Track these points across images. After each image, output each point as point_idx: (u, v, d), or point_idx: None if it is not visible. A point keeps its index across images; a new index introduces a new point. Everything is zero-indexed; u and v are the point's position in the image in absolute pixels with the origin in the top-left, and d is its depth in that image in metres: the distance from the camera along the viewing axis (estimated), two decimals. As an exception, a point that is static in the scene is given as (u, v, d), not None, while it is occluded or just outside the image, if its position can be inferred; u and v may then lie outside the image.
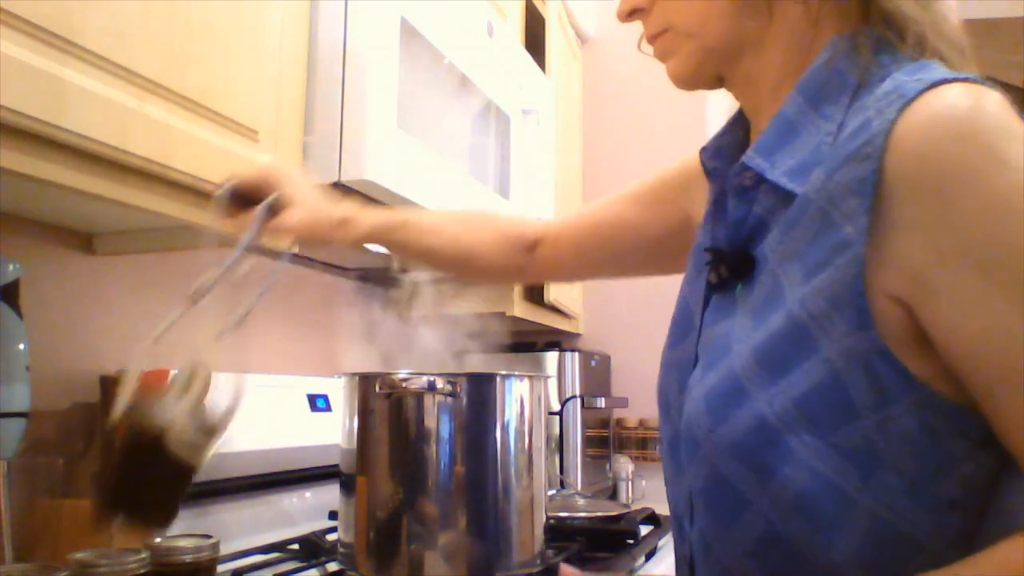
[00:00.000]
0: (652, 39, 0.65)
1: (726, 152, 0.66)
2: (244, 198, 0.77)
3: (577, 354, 1.95)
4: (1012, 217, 0.46)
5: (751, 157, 0.58)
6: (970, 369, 0.48)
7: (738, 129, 0.67)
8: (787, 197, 0.55)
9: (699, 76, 0.64)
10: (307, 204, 0.78)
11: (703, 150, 0.68)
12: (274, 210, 0.76)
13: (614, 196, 0.88)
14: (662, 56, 0.65)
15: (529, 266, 0.93)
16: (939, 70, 0.51)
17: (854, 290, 0.49)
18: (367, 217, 0.84)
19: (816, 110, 0.56)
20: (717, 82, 0.65)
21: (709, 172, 0.67)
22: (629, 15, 0.66)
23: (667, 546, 1.33)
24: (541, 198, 1.55)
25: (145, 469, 0.67)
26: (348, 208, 0.83)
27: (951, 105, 0.48)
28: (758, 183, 0.58)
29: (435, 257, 0.92)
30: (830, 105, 0.55)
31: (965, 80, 0.49)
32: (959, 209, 0.47)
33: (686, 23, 0.62)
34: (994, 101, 0.48)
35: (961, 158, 0.47)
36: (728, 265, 0.60)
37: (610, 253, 0.89)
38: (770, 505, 0.53)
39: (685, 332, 0.66)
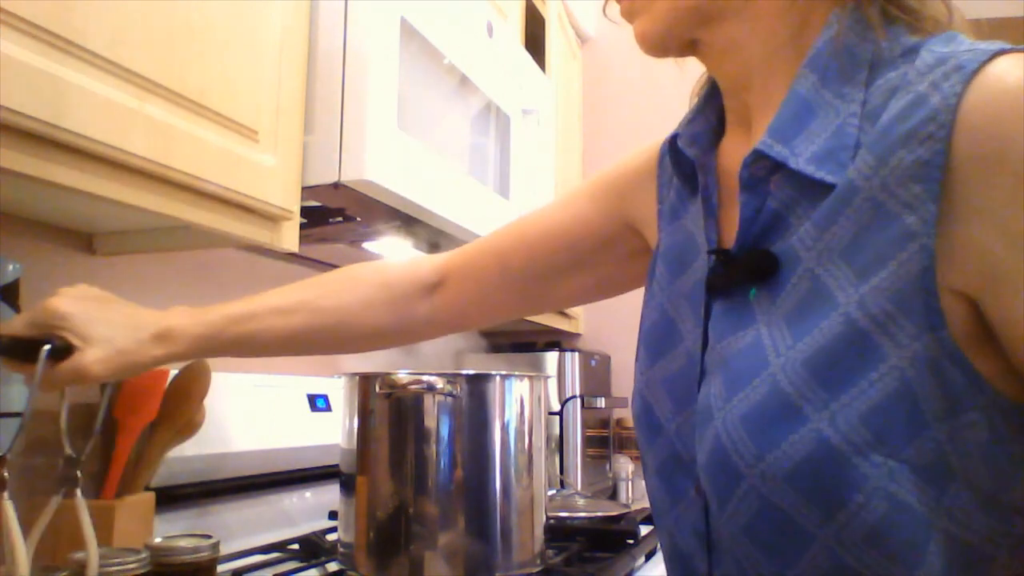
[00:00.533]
0: None
1: (702, 139, 0.60)
2: (21, 347, 0.66)
3: (577, 354, 1.95)
4: None
5: (768, 144, 0.51)
6: None
7: (710, 113, 0.61)
8: (811, 187, 0.50)
9: (670, 39, 0.57)
10: (103, 338, 0.66)
11: (676, 137, 0.62)
12: (61, 356, 0.65)
13: (533, 211, 0.79)
14: (629, 15, 0.59)
15: (433, 314, 0.80)
16: (970, 42, 0.47)
17: (923, 287, 0.44)
18: (194, 325, 0.70)
19: (830, 89, 0.50)
20: (689, 47, 0.58)
21: (684, 162, 0.61)
22: None
23: (667, 546, 1.33)
24: (541, 198, 1.55)
25: None
26: (168, 318, 0.70)
27: (1017, 80, 0.43)
28: (770, 173, 0.52)
29: (294, 342, 0.77)
30: (845, 84, 0.50)
31: (1008, 51, 0.44)
32: None
33: None
34: None
35: None
36: (745, 267, 0.53)
37: (541, 268, 0.76)
38: (837, 539, 0.46)
39: (671, 344, 0.60)
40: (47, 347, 0.64)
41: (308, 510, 1.34)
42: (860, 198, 0.47)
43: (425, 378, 0.90)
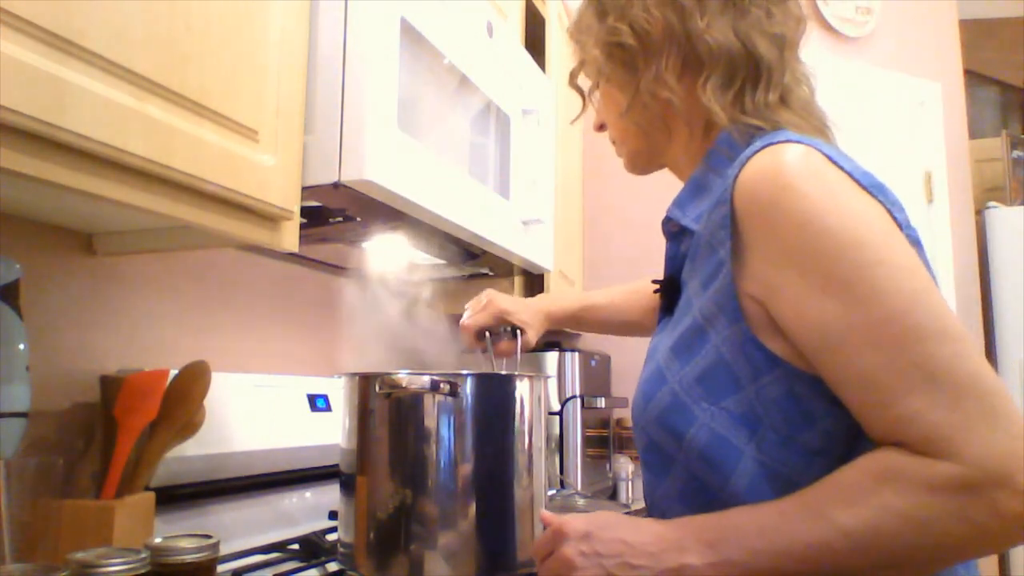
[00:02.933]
0: (612, 143, 0.92)
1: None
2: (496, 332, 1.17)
3: (577, 354, 1.95)
4: (811, 231, 0.63)
5: (671, 210, 0.81)
6: (802, 344, 0.65)
7: None
8: (693, 235, 0.76)
9: (636, 168, 0.92)
10: (530, 321, 1.17)
11: (663, 220, 0.85)
12: (518, 332, 1.16)
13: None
14: (618, 154, 0.93)
15: None
16: (781, 136, 0.69)
17: (729, 295, 0.68)
18: (568, 303, 1.23)
19: (715, 172, 0.77)
20: (659, 167, 0.90)
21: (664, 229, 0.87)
22: (599, 128, 0.94)
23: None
24: (541, 198, 1.55)
25: None
26: (547, 304, 1.21)
27: (773, 158, 0.66)
28: (681, 229, 0.79)
29: (609, 327, 1.24)
30: (725, 166, 0.75)
31: (793, 141, 0.67)
32: (775, 230, 0.65)
33: (617, 137, 0.91)
34: (810, 155, 0.66)
35: (772, 194, 0.65)
36: (666, 293, 0.81)
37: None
38: (686, 459, 0.71)
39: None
40: (519, 330, 1.15)
41: (308, 510, 1.34)
42: (703, 241, 0.73)
43: (425, 378, 0.90)
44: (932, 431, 0.59)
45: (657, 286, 0.84)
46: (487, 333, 1.16)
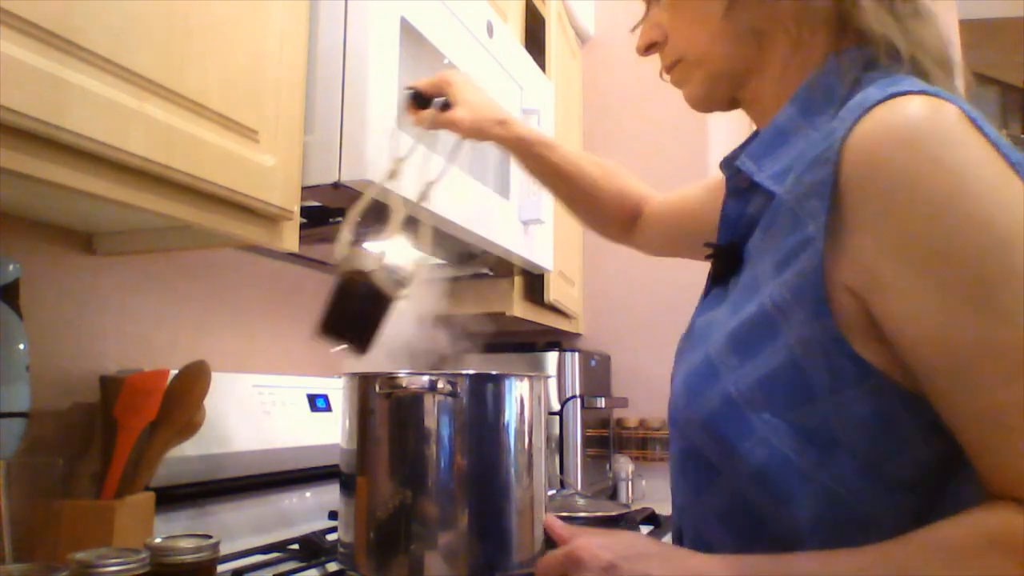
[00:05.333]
0: (668, 69, 0.73)
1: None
2: (421, 98, 1.01)
3: (577, 354, 1.95)
4: (950, 220, 0.49)
5: (743, 161, 0.64)
6: (913, 358, 0.52)
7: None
8: (772, 198, 0.60)
9: (711, 99, 0.71)
10: (473, 105, 0.98)
11: (723, 160, 0.73)
12: (446, 107, 0.99)
13: (699, 185, 0.96)
14: (678, 83, 0.73)
15: (631, 230, 1.05)
16: (907, 83, 0.55)
17: (813, 283, 0.54)
18: (521, 126, 1.01)
19: (805, 119, 0.61)
20: (731, 104, 0.72)
21: (726, 179, 0.72)
22: (647, 49, 0.74)
23: (667, 546, 1.33)
24: (541, 198, 1.54)
25: (357, 300, 0.90)
26: (506, 113, 1.01)
27: (901, 115, 0.51)
28: (751, 186, 0.64)
29: (565, 183, 1.04)
30: (818, 115, 0.60)
31: (923, 93, 0.53)
32: (901, 210, 0.50)
33: (695, 52, 0.70)
34: (947, 113, 0.51)
35: (904, 163, 0.50)
36: (721, 260, 0.66)
37: (683, 241, 0.97)
38: (734, 475, 0.58)
39: (689, 325, 0.71)
40: (441, 99, 1.00)
41: (308, 510, 1.34)
42: (785, 208, 0.58)
43: (425, 378, 0.90)
44: None
45: (710, 251, 0.68)
46: (411, 93, 1.03)
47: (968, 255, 0.49)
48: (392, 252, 0.93)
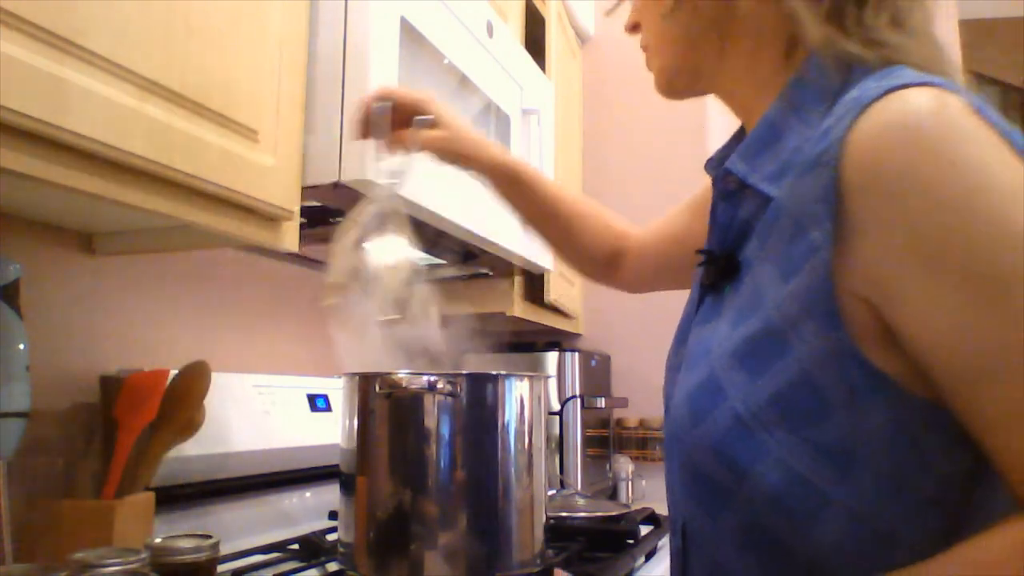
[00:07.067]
0: (643, 49, 0.73)
1: (723, 162, 0.69)
2: (396, 114, 0.91)
3: (577, 354, 1.95)
4: (960, 218, 0.47)
5: (733, 162, 0.60)
6: (931, 366, 0.49)
7: (739, 142, 0.69)
8: (767, 201, 0.57)
9: (671, 88, 0.70)
10: (452, 126, 0.91)
11: (708, 160, 0.71)
12: (425, 126, 0.92)
13: (681, 207, 0.93)
14: (647, 67, 0.72)
15: (614, 268, 1.00)
16: (907, 75, 0.52)
17: (823, 293, 0.51)
18: (502, 153, 0.95)
19: (797, 114, 0.58)
20: (697, 93, 0.70)
21: (712, 181, 0.69)
22: (631, 28, 0.73)
23: (667, 546, 1.33)
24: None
25: None
26: (486, 139, 0.95)
27: (902, 110, 0.49)
28: (742, 188, 0.60)
29: (546, 219, 0.98)
30: (811, 110, 0.57)
31: (925, 84, 0.50)
32: (911, 212, 0.48)
33: (652, 43, 0.70)
34: (951, 105, 0.49)
35: (909, 161, 0.48)
36: (716, 268, 0.62)
37: (668, 272, 0.94)
38: (748, 499, 0.55)
39: (679, 338, 0.69)
40: (427, 118, 0.91)
41: (308, 510, 1.34)
42: (785, 213, 0.55)
43: (425, 378, 0.90)
44: None
45: (702, 257, 0.65)
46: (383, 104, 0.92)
47: (984, 254, 0.46)
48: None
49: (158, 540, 0.82)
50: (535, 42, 1.83)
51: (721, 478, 0.56)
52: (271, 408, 1.27)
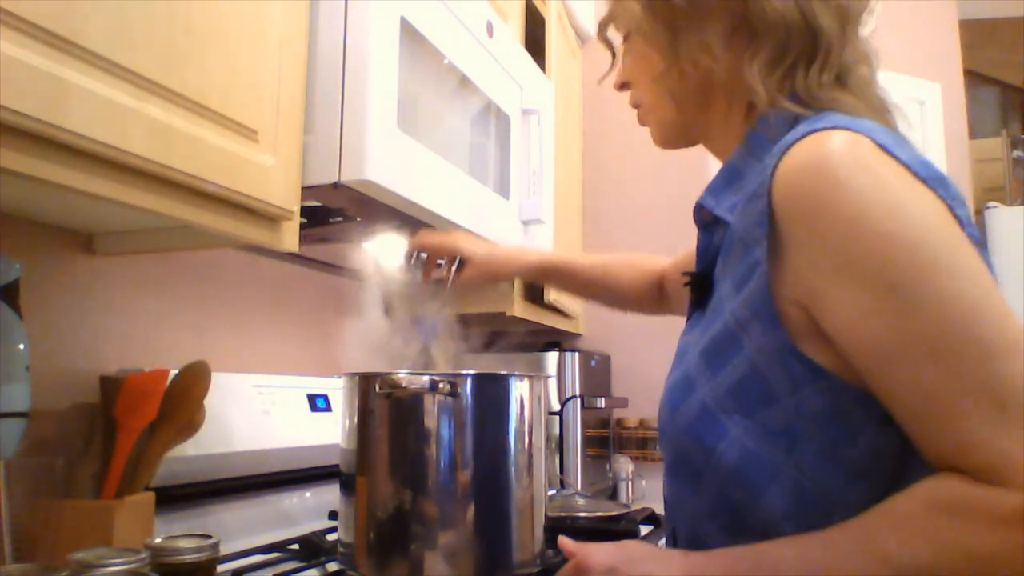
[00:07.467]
0: (634, 107, 0.84)
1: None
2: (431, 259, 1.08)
3: (577, 354, 1.95)
4: (858, 234, 0.57)
5: (704, 197, 0.74)
6: (854, 357, 0.59)
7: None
8: (727, 227, 0.69)
9: (668, 141, 0.82)
10: (480, 259, 1.06)
11: (696, 204, 0.81)
12: (459, 266, 1.07)
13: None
14: (641, 122, 0.84)
15: (661, 300, 1.13)
16: (829, 119, 0.62)
17: (764, 299, 0.62)
18: (530, 255, 1.10)
19: (755, 156, 0.70)
20: (691, 143, 0.82)
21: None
22: (620, 87, 0.84)
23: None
24: (541, 198, 1.55)
25: None
26: (514, 249, 1.11)
27: (815, 149, 0.60)
28: (715, 220, 0.72)
29: (590, 292, 1.17)
30: (765, 153, 0.66)
31: (840, 128, 0.60)
32: (820, 230, 0.59)
33: (645, 103, 0.81)
34: (857, 143, 0.59)
35: (816, 189, 0.59)
36: (697, 288, 0.75)
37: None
38: (715, 476, 0.65)
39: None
40: (458, 259, 1.07)
41: (308, 510, 1.34)
42: (736, 237, 0.67)
43: (425, 378, 0.90)
44: (998, 458, 0.53)
45: (687, 279, 0.77)
46: (421, 254, 1.10)
47: (879, 260, 0.57)
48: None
49: (158, 540, 0.82)
50: (535, 42, 1.83)
51: (693, 457, 0.67)
52: (271, 408, 1.27)
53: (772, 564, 0.59)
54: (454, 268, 1.05)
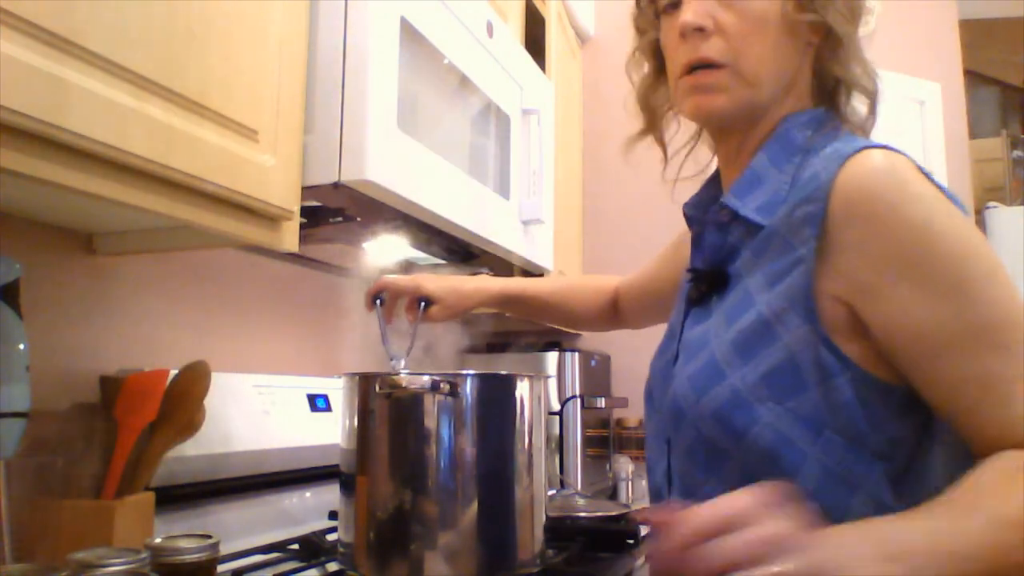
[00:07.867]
0: (697, 65, 0.75)
1: (704, 204, 0.84)
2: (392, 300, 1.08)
3: (577, 354, 1.95)
4: (923, 234, 0.64)
5: (728, 198, 0.76)
6: (899, 348, 0.65)
7: (714, 189, 0.86)
8: (754, 228, 0.73)
9: (733, 119, 0.78)
10: (444, 295, 1.06)
11: (685, 204, 0.86)
12: (425, 306, 1.07)
13: (657, 257, 1.11)
14: (708, 87, 0.75)
15: (616, 317, 1.19)
16: (862, 140, 0.71)
17: (804, 294, 0.67)
18: (492, 286, 1.12)
19: (776, 166, 0.75)
20: (734, 126, 0.79)
21: (689, 219, 0.86)
22: (693, 30, 0.74)
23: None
24: (541, 198, 1.55)
25: None
26: (475, 281, 1.12)
27: (875, 161, 0.67)
28: (732, 219, 0.76)
29: (547, 316, 1.23)
30: (785, 163, 0.74)
31: (882, 147, 0.68)
32: (884, 230, 0.65)
33: (751, 71, 0.75)
34: (903, 161, 0.67)
35: (883, 195, 0.65)
36: (707, 281, 0.78)
37: (663, 305, 1.05)
38: (743, 457, 0.68)
39: (668, 344, 0.84)
40: (423, 301, 1.06)
41: (308, 510, 1.34)
42: (777, 236, 0.71)
43: (425, 378, 0.90)
44: None
45: (691, 274, 0.81)
46: (380, 298, 1.09)
47: (944, 261, 0.63)
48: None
49: (158, 540, 0.82)
50: (535, 42, 1.83)
51: (720, 441, 0.70)
52: (271, 408, 1.27)
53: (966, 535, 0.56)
54: (420, 308, 1.06)
